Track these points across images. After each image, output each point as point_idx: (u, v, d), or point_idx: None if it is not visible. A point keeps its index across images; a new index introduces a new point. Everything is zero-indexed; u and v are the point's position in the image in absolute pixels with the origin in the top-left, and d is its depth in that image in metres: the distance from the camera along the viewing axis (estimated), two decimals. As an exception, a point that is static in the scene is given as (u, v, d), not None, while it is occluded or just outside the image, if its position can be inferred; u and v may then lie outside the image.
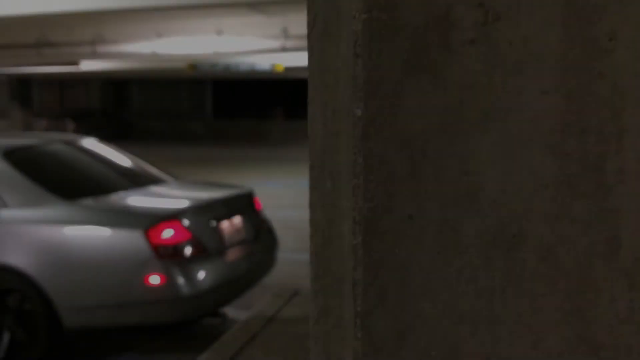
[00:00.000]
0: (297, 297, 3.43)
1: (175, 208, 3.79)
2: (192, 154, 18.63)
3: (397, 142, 0.74)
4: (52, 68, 17.48)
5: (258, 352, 2.60)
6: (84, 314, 3.48)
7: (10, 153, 3.95)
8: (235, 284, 3.87)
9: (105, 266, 3.44)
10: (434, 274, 0.75)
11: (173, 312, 3.49)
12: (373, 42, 0.73)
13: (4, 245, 3.54)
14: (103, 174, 4.43)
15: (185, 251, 3.52)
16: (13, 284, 3.53)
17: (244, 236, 4.11)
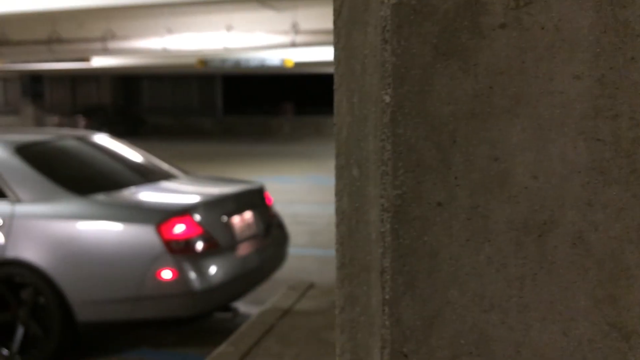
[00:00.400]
0: (312, 290, 3.44)
1: (187, 203, 3.80)
2: (202, 150, 18.69)
3: (426, 128, 0.73)
4: (63, 64, 17.56)
5: (275, 345, 2.60)
6: (97, 308, 3.49)
7: (23, 149, 3.97)
8: (247, 278, 3.87)
9: (118, 261, 3.46)
10: (463, 261, 0.74)
11: (185, 307, 3.49)
12: (402, 27, 0.72)
13: (17, 240, 3.56)
14: (115, 170, 4.44)
15: (197, 246, 3.53)
16: (27, 278, 3.55)
17: (255, 231, 4.11)
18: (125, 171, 4.46)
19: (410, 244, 0.74)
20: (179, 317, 3.55)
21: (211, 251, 3.59)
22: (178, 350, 3.85)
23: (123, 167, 4.51)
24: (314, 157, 16.45)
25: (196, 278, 3.44)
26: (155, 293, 3.43)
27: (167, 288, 3.42)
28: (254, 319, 2.97)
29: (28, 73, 24.18)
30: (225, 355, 2.52)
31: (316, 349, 2.55)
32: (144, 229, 3.44)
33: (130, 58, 16.97)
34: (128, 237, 3.48)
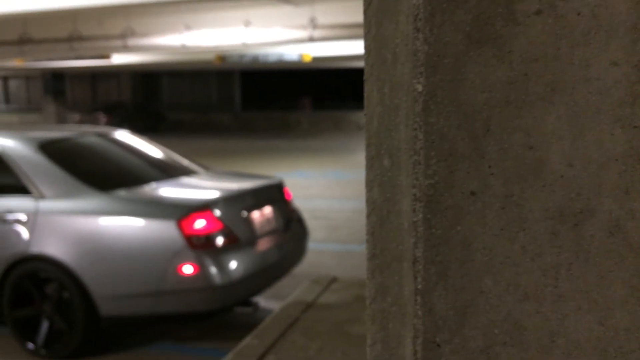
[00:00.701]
0: (335, 284, 3.44)
1: (207, 198, 3.80)
2: (221, 145, 18.78)
3: (459, 117, 0.72)
4: (84, 62, 17.76)
5: (299, 337, 2.60)
6: (119, 302, 3.52)
7: (46, 145, 4.01)
8: (267, 273, 3.87)
9: (139, 256, 3.47)
10: (497, 251, 0.73)
11: (206, 301, 3.50)
12: (434, 15, 0.71)
13: (41, 235, 3.60)
14: (136, 166, 4.46)
15: (217, 241, 3.53)
16: (51, 273, 3.59)
17: (275, 226, 4.11)
18: (146, 167, 4.48)
19: (443, 234, 0.74)
20: (200, 311, 3.56)
21: (231, 246, 3.60)
22: (199, 344, 3.87)
23: (144, 163, 4.53)
24: (332, 152, 16.43)
25: (217, 273, 3.45)
26: (176, 288, 3.44)
27: (188, 283, 3.43)
28: (278, 313, 2.97)
29: (50, 71, 24.53)
30: (250, 348, 2.53)
31: (340, 342, 2.54)
32: (165, 224, 3.45)
33: (149, 55, 17.10)
34: (149, 233, 3.49)
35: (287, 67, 23.44)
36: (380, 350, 0.85)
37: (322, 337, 2.62)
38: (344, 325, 2.75)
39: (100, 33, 10.66)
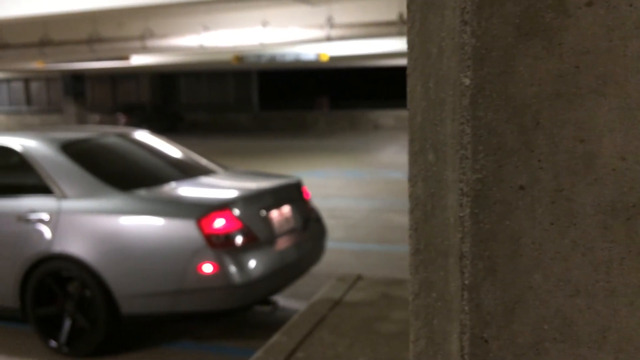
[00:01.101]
0: (360, 282, 3.43)
1: (226, 198, 3.80)
2: (238, 145, 18.87)
3: (508, 111, 0.72)
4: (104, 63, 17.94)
5: (327, 335, 2.60)
6: (140, 301, 3.54)
7: (68, 146, 4.05)
8: (285, 272, 3.87)
9: (160, 255, 3.49)
10: (547, 246, 0.72)
11: (226, 300, 3.51)
12: (482, 8, 0.71)
13: (64, 235, 3.63)
14: (156, 166, 4.49)
15: (237, 240, 3.54)
16: (73, 272, 3.62)
17: (293, 225, 4.11)
18: (165, 167, 4.51)
19: (491, 229, 0.73)
20: (219, 310, 3.57)
21: (250, 245, 3.60)
22: (218, 343, 3.88)
23: (163, 163, 4.56)
24: (349, 152, 16.41)
25: (236, 272, 3.45)
26: (196, 286, 3.45)
27: (208, 281, 3.44)
28: (306, 310, 2.97)
29: (70, 72, 24.83)
30: (280, 345, 2.53)
31: (368, 340, 2.54)
32: (185, 223, 3.46)
33: (167, 56, 17.23)
34: (169, 232, 3.50)
35: (304, 67, 23.47)
36: (425, 346, 0.84)
37: (350, 334, 2.62)
38: (372, 322, 2.75)
39: (119, 35, 10.75)
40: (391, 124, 25.80)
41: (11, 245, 3.78)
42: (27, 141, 4.06)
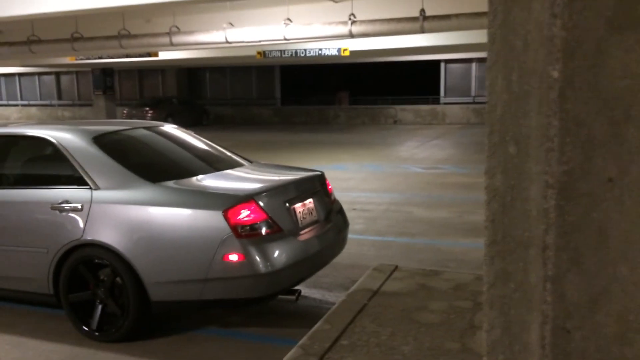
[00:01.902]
0: (397, 272, 3.49)
1: (252, 190, 3.86)
2: (261, 139, 19.01)
3: (598, 103, 0.69)
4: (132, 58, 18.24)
5: (369, 324, 2.64)
6: (168, 288, 3.62)
7: (100, 138, 4.15)
8: (309, 262, 3.91)
9: (187, 244, 3.56)
10: (635, 238, 0.70)
11: (251, 289, 3.57)
12: (574, 1, 0.69)
13: (96, 224, 3.74)
14: (183, 158, 4.58)
15: (262, 230, 3.60)
16: (105, 259, 3.73)
17: (316, 217, 4.17)
18: (193, 160, 4.58)
19: (577, 221, 0.72)
20: (245, 298, 3.64)
21: (275, 236, 3.65)
22: (243, 330, 3.97)
23: (191, 156, 4.64)
24: (369, 146, 16.43)
25: (261, 261, 3.51)
26: (222, 275, 3.51)
27: (234, 270, 3.50)
28: (346, 299, 3.03)
29: (99, 66, 25.24)
30: (323, 332, 2.60)
31: (410, 329, 2.57)
32: (212, 214, 3.53)
33: (193, 51, 17.43)
34: (197, 222, 3.58)
35: (325, 62, 23.49)
36: (500, 335, 0.83)
37: (392, 323, 2.65)
38: (412, 312, 2.79)
39: (147, 31, 10.95)
40: (411, 119, 25.69)
41: (46, 233, 3.90)
42: (60, 133, 4.16)
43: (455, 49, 18.83)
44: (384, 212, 7.75)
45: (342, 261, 5.02)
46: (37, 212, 3.98)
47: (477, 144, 16.53)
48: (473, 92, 25.84)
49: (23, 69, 29.90)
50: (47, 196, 3.97)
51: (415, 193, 9.10)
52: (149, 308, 3.70)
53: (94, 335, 3.82)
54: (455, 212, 7.59)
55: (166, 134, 4.83)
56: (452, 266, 5.14)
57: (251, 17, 11.14)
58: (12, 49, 12.02)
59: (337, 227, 4.40)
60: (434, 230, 6.67)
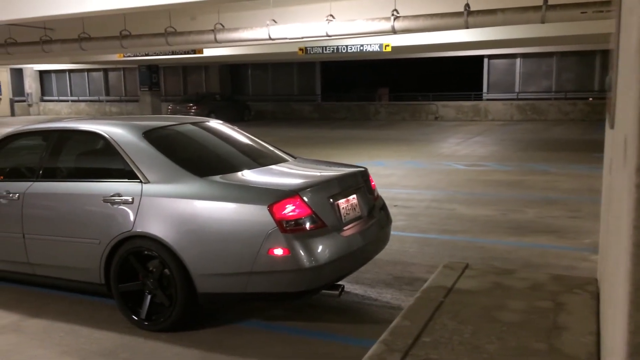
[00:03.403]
0: (468, 270, 3.45)
1: (297, 185, 3.90)
2: (302, 135, 19.11)
3: None
4: (177, 55, 18.60)
5: (449, 321, 2.60)
6: (215, 280, 3.69)
7: (149, 133, 4.26)
8: (352, 258, 3.92)
9: (233, 238, 3.62)
10: None
11: (295, 283, 3.60)
12: None
13: (146, 216, 3.84)
14: (229, 153, 4.65)
15: (306, 225, 3.63)
16: (154, 251, 3.83)
17: (360, 213, 4.18)
18: (238, 155, 4.65)
19: None
20: (288, 292, 3.67)
21: (319, 231, 3.67)
22: (286, 323, 4.01)
23: (236, 151, 4.71)
24: (410, 143, 16.32)
25: (305, 256, 3.54)
26: (267, 269, 3.55)
27: (278, 265, 3.54)
28: (422, 295, 2.99)
29: (145, 64, 25.87)
30: (404, 329, 2.57)
31: (492, 328, 2.52)
32: (258, 208, 3.58)
33: (236, 48, 17.65)
34: (242, 216, 3.63)
35: (365, 58, 23.42)
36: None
37: (472, 321, 2.62)
38: (491, 311, 2.73)
39: (192, 28, 11.16)
40: (452, 115, 25.37)
41: (98, 225, 4.03)
42: (112, 128, 4.29)
43: (499, 44, 18.50)
44: (425, 209, 7.70)
45: (383, 257, 5.03)
46: (89, 205, 4.11)
47: (521, 141, 16.20)
48: (517, 88, 25.32)
49: (73, 65, 30.92)
50: (100, 189, 4.10)
51: (457, 190, 9.00)
52: (196, 299, 3.78)
53: (143, 324, 3.94)
54: (499, 210, 7.48)
55: (212, 129, 4.92)
56: (498, 265, 5.08)
57: (294, 13, 11.21)
58: (63, 46, 12.44)
59: (380, 224, 4.40)
60: (477, 228, 6.59)
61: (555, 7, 8.39)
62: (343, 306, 4.33)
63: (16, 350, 3.72)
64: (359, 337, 3.78)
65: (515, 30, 13.40)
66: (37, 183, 4.43)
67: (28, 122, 25.18)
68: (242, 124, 21.41)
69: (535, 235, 6.24)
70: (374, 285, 4.74)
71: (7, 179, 4.71)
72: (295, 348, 3.65)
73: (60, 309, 4.40)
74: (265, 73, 30.18)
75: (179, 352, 3.61)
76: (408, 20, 9.31)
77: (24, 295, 4.71)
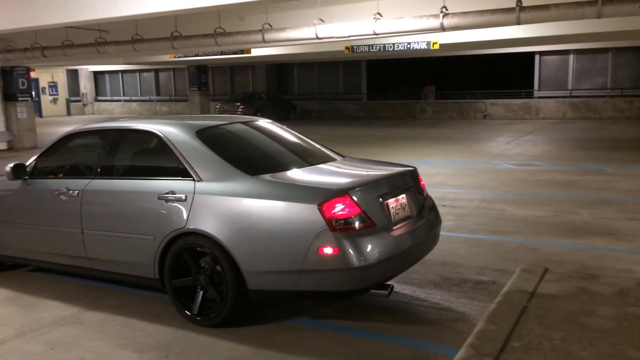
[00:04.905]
0: (548, 274, 3.38)
1: (346, 184, 3.89)
2: (348, 133, 19.10)
3: None
4: (226, 55, 18.88)
5: (535, 326, 2.56)
6: (265, 278, 3.73)
7: (202, 132, 4.34)
8: (401, 258, 3.89)
9: (283, 236, 3.64)
10: None
11: (344, 282, 3.60)
12: None
13: (198, 214, 3.90)
14: (279, 152, 4.68)
15: (355, 225, 3.61)
16: (206, 248, 3.90)
17: (409, 212, 4.14)
18: (287, 153, 4.67)
19: None
20: (337, 291, 3.67)
21: (368, 230, 3.66)
22: (335, 322, 4.01)
23: (285, 150, 4.74)
24: (457, 141, 16.06)
25: (354, 255, 3.53)
26: (316, 267, 3.56)
27: (328, 263, 3.54)
28: (503, 300, 2.93)
29: (194, 64, 26.41)
30: (490, 333, 2.52)
31: (582, 334, 2.47)
32: (307, 207, 3.60)
33: (283, 48, 17.78)
34: (293, 215, 3.64)
35: (411, 56, 23.18)
36: None
37: (561, 327, 2.56)
38: (579, 316, 2.65)
39: (241, 28, 11.30)
40: (501, 114, 24.83)
41: (152, 222, 4.13)
42: (166, 127, 4.40)
43: (551, 41, 17.97)
44: (474, 209, 7.58)
45: (432, 258, 4.97)
46: (144, 202, 4.22)
47: (574, 140, 15.71)
48: (570, 85, 24.56)
49: (125, 66, 31.84)
50: (154, 186, 4.21)
51: (507, 190, 8.81)
52: (246, 296, 3.83)
53: (195, 319, 4.01)
54: (552, 211, 7.28)
55: (261, 128, 4.97)
56: (552, 268, 4.95)
57: (341, 12, 11.20)
58: (117, 48, 12.83)
59: (429, 224, 4.36)
60: (529, 229, 6.44)
61: (612, 1, 8.09)
62: (392, 306, 4.31)
63: (75, 342, 3.86)
64: (407, 338, 3.76)
65: (569, 25, 12.99)
66: (95, 180, 4.58)
67: (83, 121, 26.11)
68: (288, 122, 21.56)
69: (591, 237, 6.05)
70: (423, 286, 4.70)
71: (66, 177, 4.89)
72: (343, 347, 3.66)
73: (116, 302, 4.55)
74: (310, 72, 30.30)
75: (230, 347, 3.68)
76: (458, 17, 9.16)
77: (82, 288, 4.89)
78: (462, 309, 4.21)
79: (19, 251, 5.10)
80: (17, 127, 16.98)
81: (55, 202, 4.70)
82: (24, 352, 3.75)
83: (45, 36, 13.58)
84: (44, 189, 4.86)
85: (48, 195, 4.78)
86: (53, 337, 3.96)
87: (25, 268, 5.46)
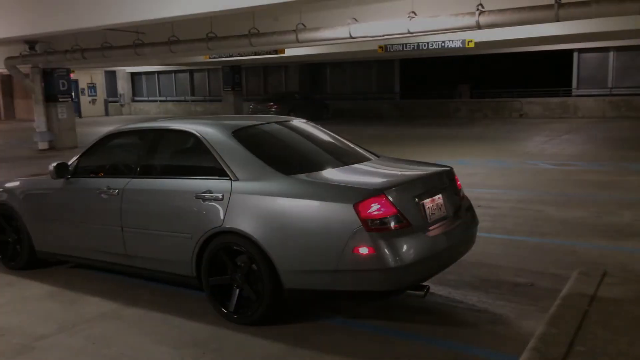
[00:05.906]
0: (607, 277, 3.31)
1: (382, 184, 3.88)
2: (382, 133, 19.01)
3: None
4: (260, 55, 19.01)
5: (600, 330, 2.52)
6: (300, 277, 3.75)
7: (238, 132, 4.39)
8: (437, 258, 3.86)
9: (319, 235, 3.65)
10: None
11: (380, 282, 3.58)
12: None
13: (235, 213, 3.94)
14: (314, 152, 4.69)
15: (391, 225, 3.60)
16: (242, 246, 3.93)
17: (445, 213, 4.10)
18: (322, 153, 4.67)
19: None
20: (373, 291, 3.66)
21: (404, 231, 3.64)
22: (371, 322, 4.00)
23: (320, 149, 4.74)
24: (493, 141, 15.82)
25: (390, 255, 3.51)
26: (352, 267, 3.56)
27: (363, 263, 3.53)
28: (563, 303, 2.87)
29: (228, 65, 26.70)
30: (553, 337, 2.47)
31: None
32: (343, 207, 3.59)
33: (316, 47, 17.81)
34: (328, 214, 3.65)
35: (445, 54, 22.92)
36: None
37: (627, 332, 2.51)
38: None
39: (275, 29, 11.37)
40: (538, 112, 24.35)
41: (190, 220, 4.18)
42: (203, 127, 4.45)
43: (591, 37, 17.53)
44: (511, 209, 7.45)
45: (468, 259, 4.91)
46: (182, 200, 4.28)
47: (615, 139, 15.30)
48: (610, 83, 23.92)
49: (161, 67, 32.40)
50: (192, 186, 4.27)
51: (545, 190, 8.64)
52: (282, 295, 3.85)
53: (231, 317, 4.06)
54: (592, 212, 7.11)
55: (296, 128, 4.99)
56: (610, 271, 4.83)
57: (374, 11, 11.15)
58: (154, 49, 13.06)
59: (465, 224, 4.31)
60: (568, 231, 6.30)
61: (656, -4, 7.84)
62: (428, 307, 4.28)
63: (116, 337, 3.95)
64: (444, 339, 3.73)
65: (609, 22, 12.65)
66: (135, 180, 4.68)
67: (121, 121, 26.67)
68: (321, 122, 21.54)
69: (634, 239, 5.88)
70: (459, 287, 4.64)
71: (107, 176, 5.01)
72: (379, 347, 3.65)
73: (154, 299, 4.63)
74: (343, 72, 30.28)
75: (265, 345, 3.70)
76: (494, 15, 9.01)
77: (120, 285, 4.99)
78: (499, 311, 4.15)
79: (61, 248, 5.24)
80: (58, 127, 17.44)
81: (96, 200, 4.81)
82: (66, 346, 3.85)
83: (84, 38, 13.92)
84: (85, 188, 4.98)
85: (89, 194, 4.89)
86: (94, 332, 4.06)
87: (67, 265, 5.61)
